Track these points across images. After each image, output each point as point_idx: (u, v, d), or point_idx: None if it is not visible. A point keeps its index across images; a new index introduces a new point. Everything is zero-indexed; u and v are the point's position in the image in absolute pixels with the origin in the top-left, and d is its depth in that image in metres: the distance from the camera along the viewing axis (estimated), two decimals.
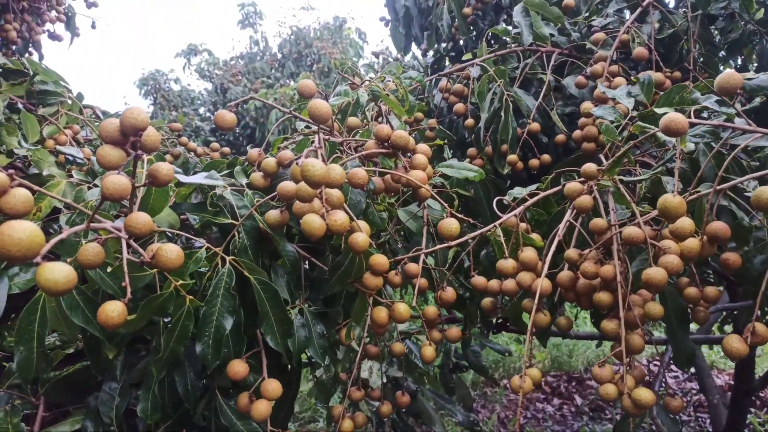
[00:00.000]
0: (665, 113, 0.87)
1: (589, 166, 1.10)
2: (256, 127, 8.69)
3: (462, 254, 1.30)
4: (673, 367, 5.66)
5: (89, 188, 1.38)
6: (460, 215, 1.07)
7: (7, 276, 1.30)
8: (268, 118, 7.75)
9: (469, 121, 1.75)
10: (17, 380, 1.21)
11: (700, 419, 4.69)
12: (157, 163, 0.75)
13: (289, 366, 1.11)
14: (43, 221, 1.32)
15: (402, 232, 1.39)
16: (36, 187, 0.67)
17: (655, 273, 0.86)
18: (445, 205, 1.21)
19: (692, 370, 4.69)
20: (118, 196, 0.64)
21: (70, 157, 1.54)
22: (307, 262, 1.16)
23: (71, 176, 1.40)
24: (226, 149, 2.61)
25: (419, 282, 1.13)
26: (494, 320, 2.18)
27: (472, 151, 1.75)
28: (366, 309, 1.05)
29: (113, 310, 0.67)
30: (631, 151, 1.23)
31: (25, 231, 0.55)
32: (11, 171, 0.65)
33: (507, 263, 0.99)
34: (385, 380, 2.26)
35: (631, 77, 1.68)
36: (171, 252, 0.69)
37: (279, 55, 11.40)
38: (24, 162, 1.45)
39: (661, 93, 1.10)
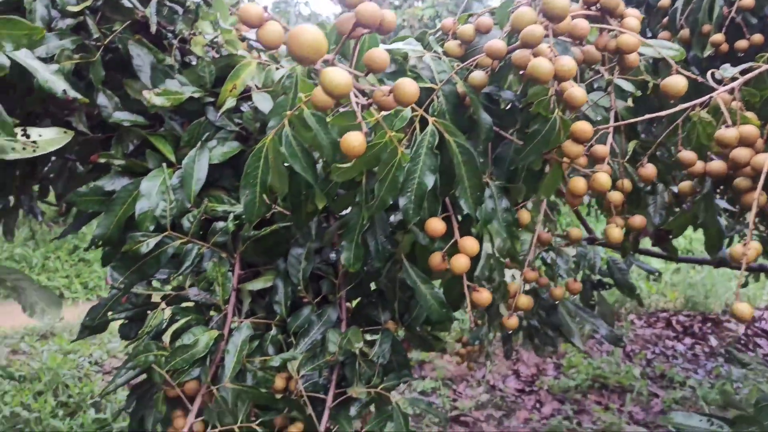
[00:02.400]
0: None
1: None
2: None
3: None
4: None
5: (276, 69, 1.46)
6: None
7: (208, 148, 1.43)
8: None
9: (664, 2, 1.61)
10: (220, 238, 1.35)
11: None
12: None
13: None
14: (237, 98, 1.43)
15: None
16: (283, 24, 0.71)
17: None
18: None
19: None
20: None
21: (253, 43, 1.63)
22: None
23: (259, 58, 1.48)
24: None
25: (603, 167, 1.10)
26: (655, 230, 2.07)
27: (665, 34, 1.62)
28: (558, 180, 1.03)
29: (356, 138, 0.71)
30: None
31: (313, 35, 0.60)
32: (264, 5, 0.70)
33: (730, 132, 0.92)
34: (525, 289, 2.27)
35: None
36: (409, 86, 0.72)
37: None
38: (215, 46, 1.56)
39: None
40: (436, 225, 0.97)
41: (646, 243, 2.66)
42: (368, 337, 1.36)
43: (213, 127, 1.45)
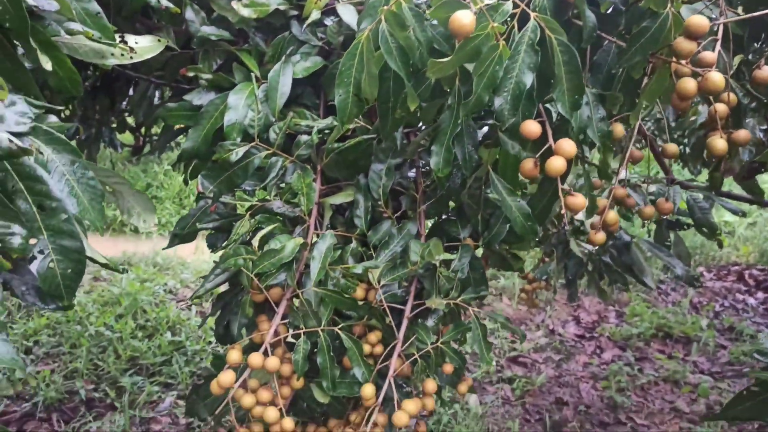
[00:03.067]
0: None
1: None
2: None
3: None
4: None
5: None
6: None
7: (291, 63, 1.44)
8: None
9: None
10: (304, 151, 1.37)
11: None
12: None
13: None
14: (321, 11, 1.41)
15: None
16: None
17: None
18: None
19: None
20: None
21: None
22: None
23: None
24: None
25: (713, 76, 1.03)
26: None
27: None
28: (664, 83, 0.98)
29: (466, 16, 0.70)
30: None
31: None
32: None
33: None
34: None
35: None
36: None
37: None
38: None
39: None
40: (532, 127, 0.95)
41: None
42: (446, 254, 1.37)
43: (297, 41, 1.45)
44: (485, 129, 1.27)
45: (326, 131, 1.40)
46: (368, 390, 1.19)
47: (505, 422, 3.20)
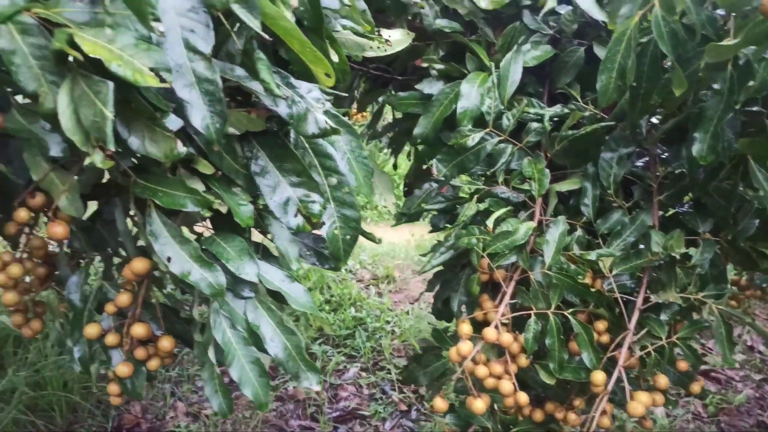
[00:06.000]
0: None
1: None
2: None
3: None
4: None
5: None
6: None
7: (522, 52, 1.47)
8: None
9: None
10: (534, 138, 1.40)
11: None
12: None
13: None
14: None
15: None
16: None
17: None
18: None
19: None
20: None
21: None
22: None
23: None
24: None
25: None
26: None
27: None
28: None
29: None
30: None
31: None
32: None
33: None
34: None
35: None
36: None
37: None
38: None
39: None
40: None
41: None
42: None
43: (527, 31, 1.49)
44: None
45: (554, 119, 1.42)
46: (599, 377, 1.19)
47: None
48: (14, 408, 2.60)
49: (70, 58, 0.74)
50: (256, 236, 1.09)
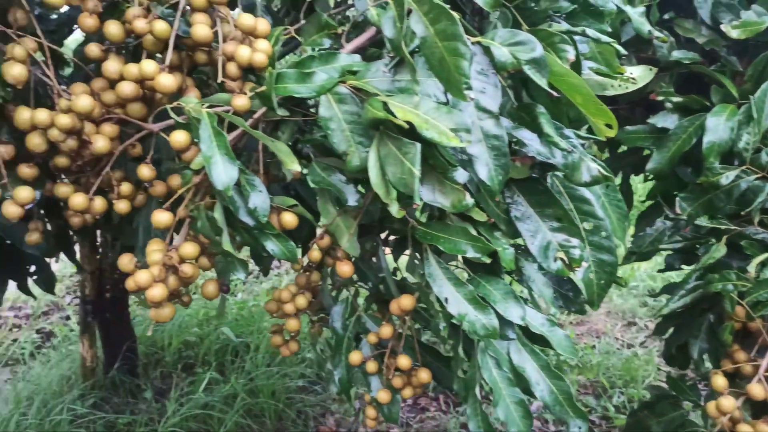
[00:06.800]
0: None
1: None
2: None
3: None
4: None
5: None
6: None
7: None
8: None
9: None
10: None
11: None
12: None
13: None
14: None
15: None
16: None
17: None
18: None
19: None
20: None
21: None
22: None
23: None
24: None
25: None
26: None
27: None
28: None
29: None
30: None
31: None
32: None
33: None
34: None
35: None
36: None
37: None
38: None
39: None
40: None
41: None
42: None
43: None
44: None
45: None
46: None
47: None
48: (236, 413, 2.93)
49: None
50: None
